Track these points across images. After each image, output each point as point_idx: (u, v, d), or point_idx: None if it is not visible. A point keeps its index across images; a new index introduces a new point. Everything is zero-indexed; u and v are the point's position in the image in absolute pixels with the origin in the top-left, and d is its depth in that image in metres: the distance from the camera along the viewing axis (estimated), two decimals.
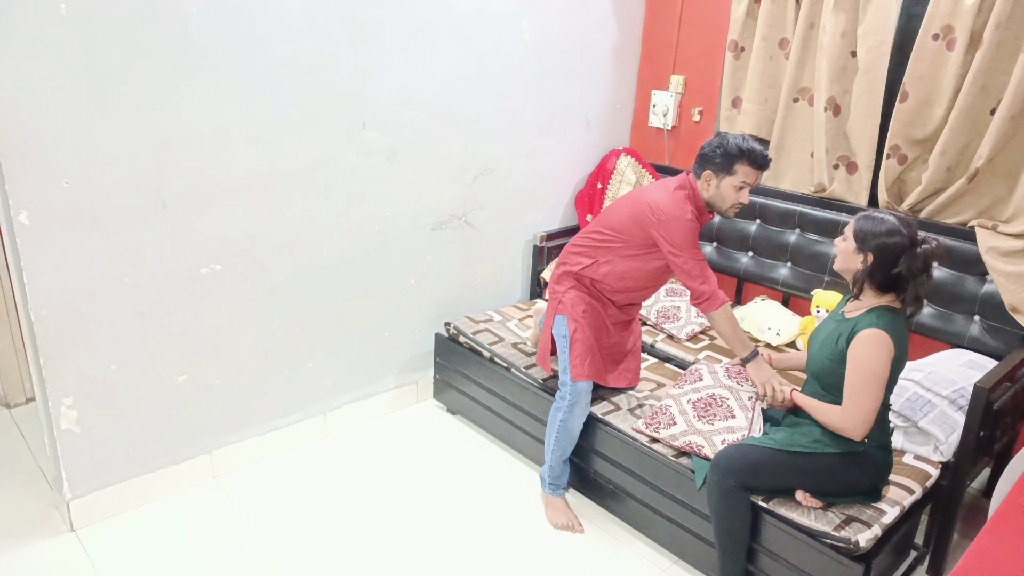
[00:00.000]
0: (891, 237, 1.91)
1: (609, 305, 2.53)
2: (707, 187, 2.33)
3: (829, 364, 2.04)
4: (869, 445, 2.03)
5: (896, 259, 1.91)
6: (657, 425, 2.42)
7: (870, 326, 1.93)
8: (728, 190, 2.30)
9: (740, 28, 3.20)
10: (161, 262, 2.36)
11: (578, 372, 2.46)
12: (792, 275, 3.18)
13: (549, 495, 2.62)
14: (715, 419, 2.34)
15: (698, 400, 2.43)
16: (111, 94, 2.12)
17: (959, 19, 2.55)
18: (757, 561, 2.15)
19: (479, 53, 3.01)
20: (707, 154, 2.31)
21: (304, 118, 2.56)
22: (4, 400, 3.11)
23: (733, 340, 2.36)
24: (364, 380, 3.11)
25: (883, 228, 1.92)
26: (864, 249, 1.95)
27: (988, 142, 2.54)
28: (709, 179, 2.31)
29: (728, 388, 2.43)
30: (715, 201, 2.34)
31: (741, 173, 2.27)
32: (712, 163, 2.30)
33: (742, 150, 2.24)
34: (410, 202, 2.99)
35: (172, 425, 2.55)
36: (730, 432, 2.27)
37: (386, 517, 2.56)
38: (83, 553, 2.31)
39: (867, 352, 1.91)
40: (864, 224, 1.96)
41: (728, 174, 2.28)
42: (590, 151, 3.67)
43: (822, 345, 2.08)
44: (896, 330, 1.93)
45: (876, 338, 1.91)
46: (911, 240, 1.91)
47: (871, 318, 1.95)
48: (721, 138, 2.29)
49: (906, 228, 1.91)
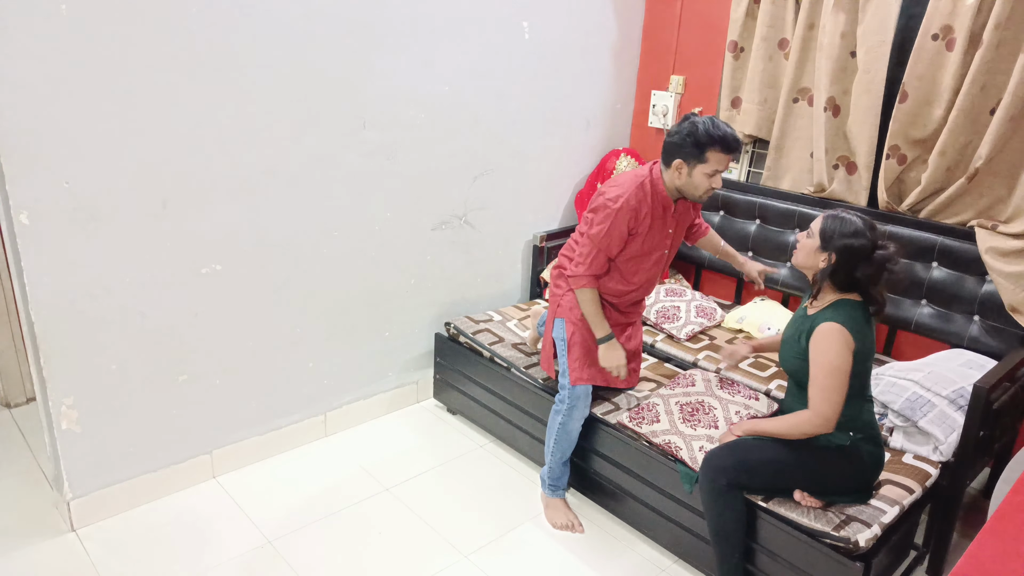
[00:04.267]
0: (855, 239, 1.92)
1: (609, 308, 2.53)
2: (678, 175, 2.26)
3: (796, 362, 2.06)
4: (856, 438, 2.04)
5: (857, 261, 1.93)
6: (640, 420, 2.44)
7: (826, 320, 1.95)
8: (700, 178, 2.23)
9: (740, 28, 3.20)
10: (161, 262, 2.36)
11: (577, 376, 2.47)
12: (792, 275, 3.18)
13: (549, 496, 2.62)
14: (699, 425, 2.36)
15: (686, 403, 2.44)
16: (111, 94, 2.12)
17: (959, 19, 2.56)
18: (756, 561, 2.15)
19: (479, 53, 3.01)
20: (676, 143, 2.22)
21: (304, 118, 2.56)
22: (4, 400, 3.12)
23: (592, 320, 2.44)
24: (364, 380, 3.11)
25: (849, 229, 1.94)
26: (827, 248, 1.96)
27: (988, 142, 2.54)
28: (680, 168, 2.24)
29: (718, 399, 2.45)
30: (687, 189, 2.28)
31: (713, 160, 2.20)
32: (682, 152, 2.22)
33: (713, 137, 2.16)
34: (410, 202, 2.99)
35: (172, 425, 2.55)
36: (710, 441, 2.29)
37: (386, 517, 2.56)
38: (83, 553, 2.31)
39: (825, 346, 1.93)
40: (831, 223, 1.97)
41: (700, 162, 2.21)
42: (590, 151, 3.67)
43: (788, 344, 2.10)
44: (853, 323, 1.94)
45: (831, 331, 1.93)
46: (873, 244, 1.93)
47: (828, 312, 1.98)
48: (690, 125, 2.20)
49: (870, 232, 1.93)
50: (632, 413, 2.49)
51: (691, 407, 2.43)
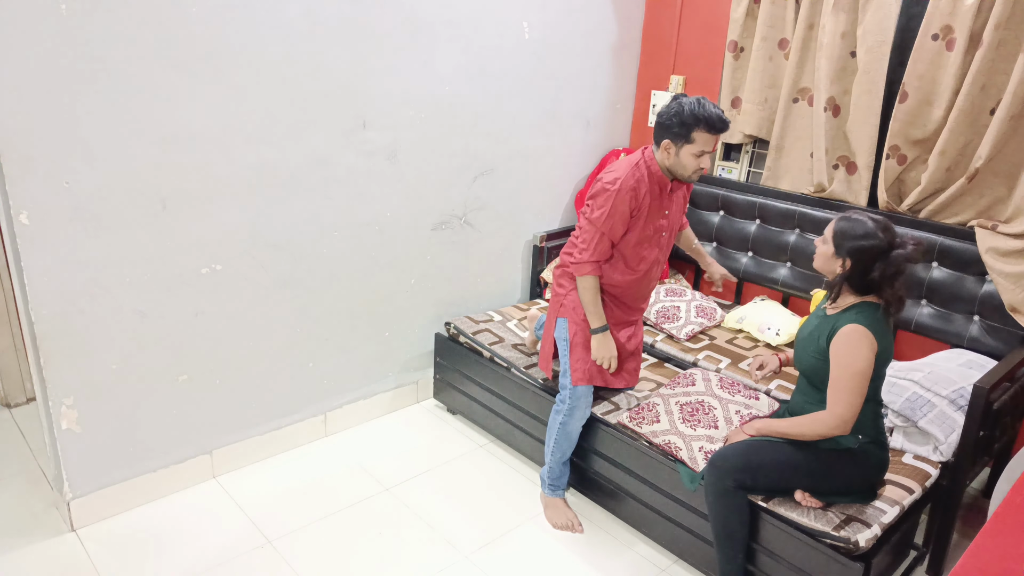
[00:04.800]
0: (867, 240, 1.90)
1: (610, 306, 2.53)
2: (667, 156, 2.29)
3: (813, 362, 2.05)
4: (864, 441, 2.04)
5: (872, 262, 1.90)
6: (641, 420, 2.45)
7: (850, 322, 1.93)
8: (688, 158, 2.25)
9: (740, 28, 3.20)
10: (161, 262, 2.36)
11: (578, 376, 2.47)
12: (792, 275, 3.18)
13: (549, 495, 2.62)
14: (699, 425, 2.36)
15: (687, 403, 2.44)
16: (111, 94, 2.12)
17: (959, 19, 2.56)
18: (757, 561, 2.15)
19: (479, 53, 3.01)
20: (664, 123, 2.25)
21: (304, 118, 2.56)
22: (4, 400, 3.12)
23: (589, 309, 2.43)
24: (364, 380, 3.11)
25: (860, 231, 1.91)
26: (841, 253, 1.95)
27: (988, 142, 2.54)
28: (668, 148, 2.27)
29: (718, 399, 2.45)
30: (676, 169, 2.30)
31: (700, 141, 2.21)
32: (670, 132, 2.25)
33: (698, 117, 2.17)
34: (410, 202, 2.99)
35: (172, 425, 2.55)
36: (710, 441, 2.29)
37: (386, 517, 2.56)
38: (83, 553, 2.31)
39: (848, 348, 1.92)
40: (842, 225, 1.96)
41: (686, 142, 2.22)
42: (590, 151, 3.67)
43: (805, 343, 2.09)
44: (877, 326, 1.93)
45: (856, 334, 1.91)
46: (889, 243, 1.90)
47: (851, 314, 1.96)
48: (676, 105, 2.23)
49: (884, 232, 1.90)
50: (632, 413, 2.49)
51: (691, 407, 2.43)
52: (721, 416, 2.38)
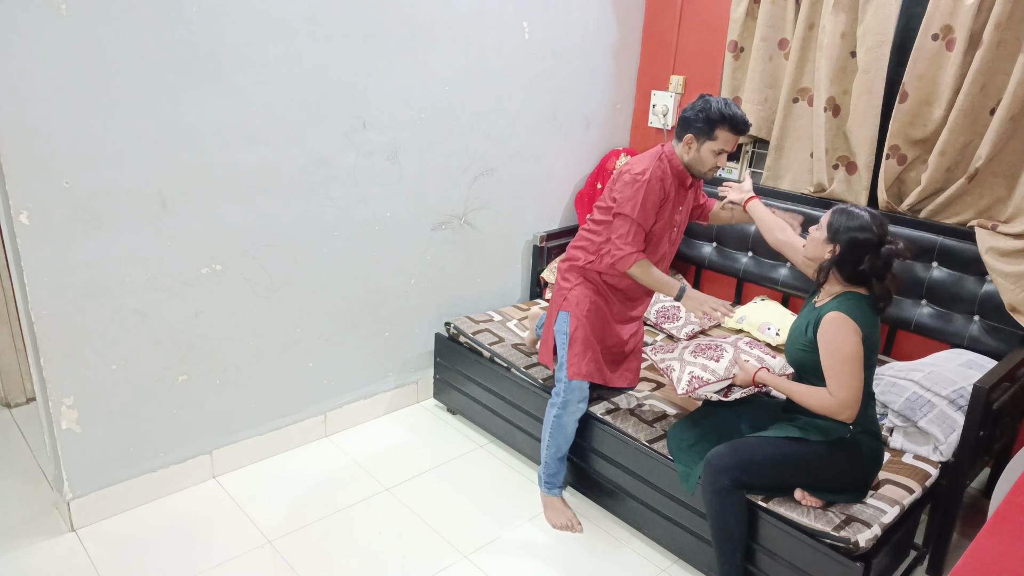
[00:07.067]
0: (861, 232, 1.95)
1: (614, 302, 2.53)
2: (688, 150, 2.35)
3: (801, 354, 2.08)
4: (856, 431, 2.05)
5: (862, 255, 1.95)
6: (658, 350, 2.50)
7: (832, 310, 1.97)
8: (707, 154, 2.32)
9: (740, 28, 3.20)
10: (161, 262, 2.36)
11: (575, 370, 2.47)
12: (792, 275, 3.18)
13: (546, 493, 2.62)
14: (701, 356, 2.37)
15: (704, 344, 2.45)
16: (111, 94, 2.12)
17: (959, 19, 2.56)
18: (757, 561, 2.15)
19: (479, 53, 3.01)
20: (689, 118, 2.32)
21: (304, 118, 2.56)
22: (4, 400, 3.12)
23: (659, 287, 2.41)
24: (364, 380, 3.11)
25: (855, 223, 1.96)
26: (834, 240, 1.99)
27: (988, 142, 2.54)
28: (690, 143, 2.34)
29: (735, 347, 2.42)
30: (694, 164, 2.37)
31: (722, 139, 2.29)
32: (694, 127, 2.31)
33: (724, 115, 2.26)
34: (410, 202, 2.99)
35: (172, 425, 2.55)
36: (704, 370, 2.30)
37: (386, 517, 2.56)
38: (83, 553, 2.31)
39: (834, 335, 1.95)
40: (838, 217, 2.01)
41: (709, 139, 2.30)
42: (590, 151, 3.67)
43: (794, 336, 2.13)
44: (858, 312, 1.96)
45: (838, 320, 1.95)
46: (879, 239, 1.95)
47: (834, 303, 2.00)
48: (704, 102, 2.30)
49: (877, 227, 1.96)
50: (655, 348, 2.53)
51: (703, 347, 2.43)
52: (728, 357, 2.35)
